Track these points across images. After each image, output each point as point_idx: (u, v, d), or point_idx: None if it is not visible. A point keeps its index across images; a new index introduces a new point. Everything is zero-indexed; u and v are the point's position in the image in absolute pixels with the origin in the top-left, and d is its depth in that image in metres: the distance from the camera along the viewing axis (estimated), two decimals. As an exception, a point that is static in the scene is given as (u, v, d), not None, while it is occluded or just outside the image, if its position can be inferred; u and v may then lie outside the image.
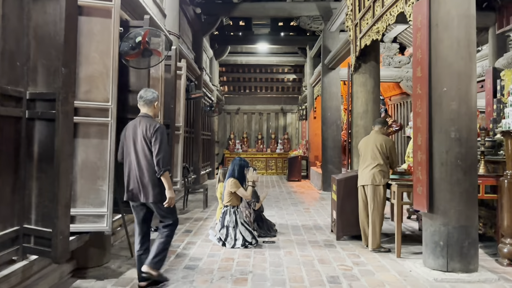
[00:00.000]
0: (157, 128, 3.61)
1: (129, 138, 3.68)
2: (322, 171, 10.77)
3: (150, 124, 3.62)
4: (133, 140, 3.64)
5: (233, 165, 5.22)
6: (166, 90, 6.24)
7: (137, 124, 3.68)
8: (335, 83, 10.62)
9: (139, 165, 3.63)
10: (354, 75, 7.47)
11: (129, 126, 3.74)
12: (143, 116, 3.73)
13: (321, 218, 7.08)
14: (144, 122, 3.65)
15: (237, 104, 18.16)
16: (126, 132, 3.73)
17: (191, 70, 9.77)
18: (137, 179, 3.63)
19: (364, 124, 7.32)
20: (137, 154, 3.63)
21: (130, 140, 3.66)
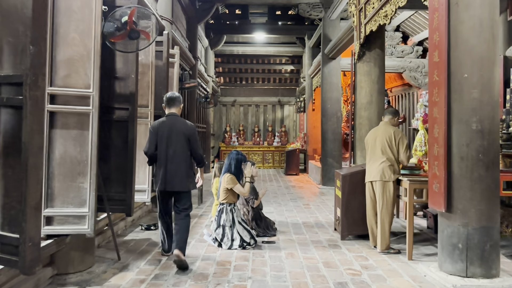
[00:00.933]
0: (194, 128, 4.28)
1: (163, 134, 4.14)
2: (321, 165, 10.39)
3: (188, 125, 4.25)
4: (169, 136, 4.13)
5: (229, 159, 4.80)
6: (157, 78, 5.81)
7: (173, 122, 4.18)
8: (335, 74, 10.20)
9: (179, 160, 4.13)
10: (358, 64, 7.06)
11: (163, 123, 4.21)
12: (176, 116, 4.26)
13: (322, 215, 6.70)
14: (180, 121, 4.23)
15: (233, 96, 17.71)
16: (159, 128, 4.18)
17: (185, 59, 9.31)
18: (178, 171, 4.12)
19: (368, 116, 6.93)
20: (175, 150, 4.12)
21: (168, 136, 4.13)
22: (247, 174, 4.83)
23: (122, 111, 4.36)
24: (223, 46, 14.81)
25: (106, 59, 4.28)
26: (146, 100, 5.13)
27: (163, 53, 5.82)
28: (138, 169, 5.12)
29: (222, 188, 4.74)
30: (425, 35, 10.00)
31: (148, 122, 5.12)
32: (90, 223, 3.41)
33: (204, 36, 12.94)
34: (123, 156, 4.35)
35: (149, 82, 5.12)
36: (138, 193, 5.11)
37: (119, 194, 4.36)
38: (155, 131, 4.19)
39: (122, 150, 4.36)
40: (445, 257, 3.78)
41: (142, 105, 5.11)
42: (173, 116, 4.24)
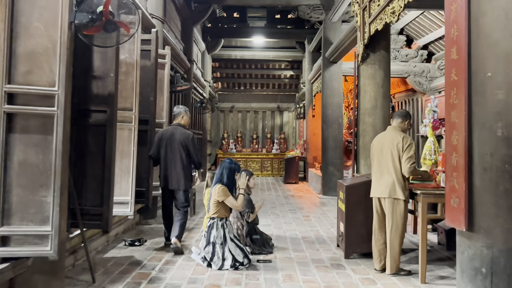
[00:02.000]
0: (191, 137, 5.05)
1: (166, 141, 5.03)
2: (322, 174, 9.90)
3: (184, 133, 5.05)
4: (171, 143, 5.00)
5: (221, 168, 4.30)
6: (144, 80, 5.34)
7: (174, 131, 5.07)
8: (336, 78, 9.75)
9: (175, 163, 4.97)
10: (362, 66, 6.60)
11: (166, 131, 5.14)
12: (177, 125, 5.19)
13: (323, 228, 6.20)
14: (179, 131, 5.07)
15: (231, 102, 17.25)
16: (162, 136, 5.09)
17: (179, 62, 8.86)
18: (174, 172, 4.98)
19: (373, 122, 6.45)
20: (173, 154, 4.99)
21: (167, 143, 5.02)
22: (241, 185, 4.34)
23: (100, 114, 3.90)
24: (221, 50, 14.38)
25: (82, 56, 3.83)
26: (130, 103, 4.66)
27: (151, 53, 5.36)
28: (121, 179, 4.64)
29: (212, 200, 4.25)
30: (430, 39, 9.58)
31: (133, 127, 4.64)
32: (53, 243, 2.91)
33: (201, 40, 12.51)
34: (100, 165, 3.88)
35: (133, 83, 4.65)
36: (119, 205, 4.62)
37: (95, 207, 3.89)
38: (159, 138, 5.09)
39: (99, 158, 3.89)
40: (466, 283, 3.28)
41: (125, 108, 4.64)
42: (175, 126, 5.17)
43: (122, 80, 4.65)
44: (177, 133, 5.02)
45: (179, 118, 5.23)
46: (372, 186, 4.19)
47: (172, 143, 4.97)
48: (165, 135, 5.04)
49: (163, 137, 5.04)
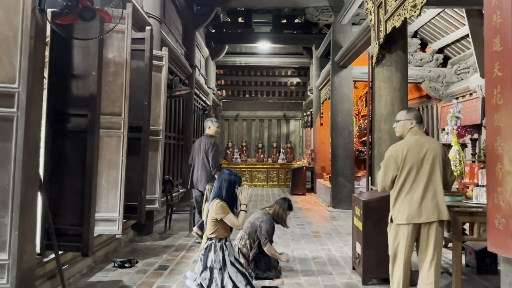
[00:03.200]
0: (212, 144, 5.85)
1: (195, 149, 5.96)
2: (331, 185, 9.30)
3: (208, 142, 5.86)
4: (198, 150, 5.90)
5: (219, 180, 3.73)
6: (138, 83, 4.85)
7: (201, 141, 5.95)
8: (346, 83, 9.21)
9: (198, 167, 5.83)
10: (377, 69, 6.05)
11: (198, 141, 6.05)
12: (205, 135, 6.00)
13: (336, 247, 5.60)
14: (204, 140, 5.93)
15: (236, 110, 16.75)
16: (194, 145, 6.05)
17: (180, 67, 8.38)
18: (196, 174, 5.85)
19: (389, 129, 5.88)
20: (198, 160, 5.86)
21: (196, 150, 5.95)
22: (242, 200, 3.77)
23: (80, 119, 3.39)
24: (225, 57, 13.92)
25: (59, 51, 3.33)
26: (118, 107, 4.14)
27: (145, 53, 4.86)
28: (108, 193, 4.11)
29: (209, 218, 3.68)
30: (447, 41, 9.03)
31: (121, 134, 4.12)
32: (10, 275, 2.37)
33: (204, 46, 12.07)
34: (80, 177, 3.35)
35: (123, 85, 4.14)
36: (106, 223, 4.09)
37: (74, 227, 3.36)
38: (193, 147, 6.10)
39: (79, 169, 3.37)
40: (516, 323, 2.68)
41: (113, 113, 4.13)
42: (204, 135, 6.05)
43: (110, 82, 4.15)
44: (203, 142, 5.89)
45: (207, 129, 6.04)
46: (407, 208, 3.09)
47: (198, 151, 5.87)
48: (195, 144, 6.04)
49: (194, 146, 6.04)
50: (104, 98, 4.12)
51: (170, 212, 6.62)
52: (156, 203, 5.69)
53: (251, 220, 4.36)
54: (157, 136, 5.74)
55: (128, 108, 4.18)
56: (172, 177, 8.19)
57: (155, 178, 5.76)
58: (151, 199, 5.65)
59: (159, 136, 5.76)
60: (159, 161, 5.76)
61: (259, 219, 4.31)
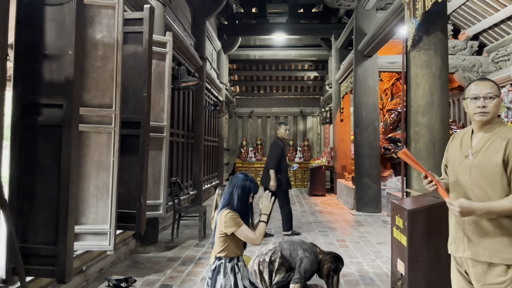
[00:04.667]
0: (273, 144, 6.48)
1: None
2: (355, 186, 8.50)
3: (273, 142, 6.58)
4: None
5: (230, 186, 2.96)
6: (135, 71, 4.15)
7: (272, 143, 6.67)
8: (371, 74, 8.38)
9: (266, 167, 6.41)
10: (412, 53, 5.26)
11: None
12: (276, 137, 6.63)
13: (367, 260, 4.82)
14: (273, 141, 6.62)
15: (250, 107, 16.01)
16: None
17: (189, 58, 7.68)
18: (264, 173, 6.42)
19: (428, 123, 5.09)
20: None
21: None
22: (263, 209, 2.98)
23: (54, 110, 2.71)
24: (238, 50, 13.17)
25: (27, 26, 2.64)
26: (109, 98, 3.44)
27: (143, 35, 4.16)
28: (97, 201, 3.42)
29: (217, 232, 2.93)
30: (483, 27, 8.12)
31: (112, 129, 3.42)
32: None
33: (216, 38, 11.36)
34: (55, 183, 2.67)
35: (113, 71, 3.44)
36: (94, 237, 3.40)
37: (47, 246, 2.67)
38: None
39: (53, 173, 2.68)
40: None
41: (103, 104, 3.43)
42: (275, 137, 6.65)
43: (98, 67, 3.46)
44: (272, 143, 6.52)
45: (277, 131, 6.58)
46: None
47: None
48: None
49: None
50: (91, 87, 3.44)
51: (177, 218, 5.93)
52: (160, 209, 5.01)
53: (295, 245, 3.61)
54: (161, 133, 5.04)
55: (120, 98, 3.48)
56: (180, 178, 7.51)
57: (159, 180, 5.07)
58: (155, 204, 4.97)
59: (163, 133, 5.07)
60: (164, 162, 5.07)
61: (306, 251, 3.51)
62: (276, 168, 6.16)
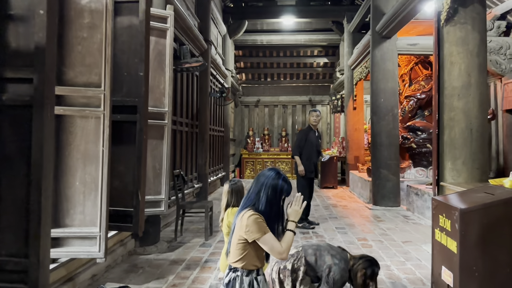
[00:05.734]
0: (299, 131, 6.81)
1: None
2: (372, 178, 7.91)
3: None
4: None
5: (258, 184, 2.32)
6: (131, 46, 3.57)
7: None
8: (390, 57, 7.74)
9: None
10: (446, 28, 4.64)
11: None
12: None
13: (395, 263, 4.26)
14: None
15: (257, 95, 15.39)
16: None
17: (192, 40, 7.08)
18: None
19: (464, 107, 4.50)
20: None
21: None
22: (291, 215, 2.38)
23: (22, 86, 2.13)
24: (245, 35, 12.52)
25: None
26: (97, 75, 2.87)
27: (139, 5, 3.56)
28: (84, 199, 2.87)
29: (235, 238, 2.35)
30: (511, 5, 7.44)
31: (101, 113, 2.85)
32: None
33: (222, 21, 10.72)
34: (23, 180, 2.11)
35: (102, 43, 2.86)
36: (82, 242, 2.86)
37: (15, 258, 2.12)
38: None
39: (21, 166, 2.12)
40: None
41: (89, 83, 2.86)
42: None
43: (84, 39, 2.88)
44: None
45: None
46: None
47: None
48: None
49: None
50: (76, 63, 2.87)
51: (181, 214, 5.39)
52: (161, 206, 4.46)
53: (322, 250, 2.99)
54: (162, 120, 4.47)
55: (110, 76, 2.90)
56: (184, 171, 6.96)
57: (161, 173, 4.51)
58: (156, 200, 4.43)
59: (164, 120, 4.49)
60: (165, 152, 4.50)
61: (335, 257, 2.90)
62: (300, 154, 6.00)
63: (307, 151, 6.04)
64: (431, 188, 6.88)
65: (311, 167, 6.05)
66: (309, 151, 6.04)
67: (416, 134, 8.43)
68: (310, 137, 6.05)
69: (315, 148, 6.12)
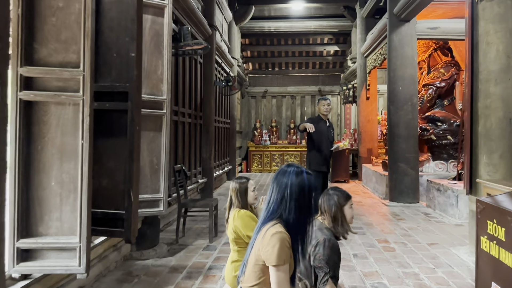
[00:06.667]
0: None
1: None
2: (389, 172, 7.38)
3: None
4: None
5: (280, 188, 1.73)
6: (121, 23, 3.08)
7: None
8: (409, 42, 7.15)
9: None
10: (482, 4, 4.08)
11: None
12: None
13: (424, 271, 3.75)
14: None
15: (264, 86, 14.84)
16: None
17: (196, 24, 6.56)
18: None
19: (503, 93, 3.95)
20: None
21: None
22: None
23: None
24: (251, 22, 11.94)
25: None
26: (75, 53, 2.38)
27: (130, -26, 3.05)
28: (61, 202, 2.41)
29: (252, 257, 1.82)
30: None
31: (80, 99, 2.36)
32: None
33: (227, 7, 10.15)
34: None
35: (80, 14, 2.37)
36: (59, 253, 2.40)
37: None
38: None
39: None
40: None
41: (66, 62, 2.37)
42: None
43: (59, 9, 2.39)
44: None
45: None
46: None
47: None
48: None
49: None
50: (49, 38, 2.37)
51: (183, 214, 4.92)
52: (160, 206, 3.99)
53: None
54: (160, 110, 3.98)
55: (92, 54, 2.41)
56: (187, 165, 6.48)
57: (159, 169, 4.04)
58: (153, 199, 3.96)
59: (163, 109, 4.00)
60: (164, 145, 4.02)
61: (322, 231, 2.42)
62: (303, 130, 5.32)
63: (317, 141, 5.35)
64: (455, 184, 6.36)
65: (321, 160, 5.31)
66: (319, 142, 5.33)
67: (436, 125, 7.87)
68: (320, 127, 5.40)
69: (326, 140, 5.43)
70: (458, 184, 6.22)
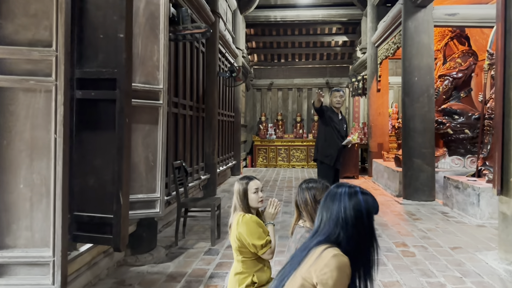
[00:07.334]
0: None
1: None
2: (403, 168, 6.95)
3: None
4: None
5: (333, 212, 1.37)
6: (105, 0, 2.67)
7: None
8: (426, 29, 6.69)
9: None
10: (518, -20, 3.61)
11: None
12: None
13: (449, 279, 3.35)
14: None
15: (270, 78, 14.39)
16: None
17: (198, 10, 6.14)
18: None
19: (541, 82, 3.49)
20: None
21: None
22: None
23: None
24: (256, 11, 11.48)
25: None
26: (47, 30, 1.98)
27: None
28: (31, 208, 2.07)
29: (299, 278, 1.42)
30: None
31: (53, 85, 1.97)
32: None
33: (231, -6, 9.73)
34: None
35: None
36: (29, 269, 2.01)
37: None
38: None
39: None
40: None
41: (35, 41, 1.98)
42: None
43: (27, -24, 1.97)
44: None
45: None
46: None
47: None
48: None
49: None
50: (15, 11, 1.99)
51: (183, 214, 4.54)
52: (156, 207, 3.62)
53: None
54: (155, 101, 3.59)
55: (66, 29, 2.01)
56: (189, 161, 6.10)
57: (155, 166, 3.65)
58: (149, 200, 3.58)
59: (159, 100, 3.61)
60: (160, 140, 3.63)
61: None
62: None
63: (327, 133, 5.01)
64: (475, 181, 5.93)
65: (329, 151, 4.97)
66: (330, 134, 4.98)
67: (453, 118, 7.42)
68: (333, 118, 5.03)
69: (338, 133, 5.04)
70: (479, 181, 5.80)
